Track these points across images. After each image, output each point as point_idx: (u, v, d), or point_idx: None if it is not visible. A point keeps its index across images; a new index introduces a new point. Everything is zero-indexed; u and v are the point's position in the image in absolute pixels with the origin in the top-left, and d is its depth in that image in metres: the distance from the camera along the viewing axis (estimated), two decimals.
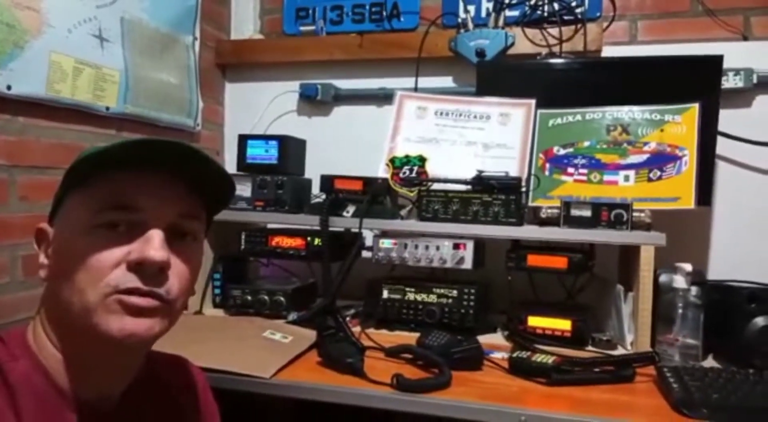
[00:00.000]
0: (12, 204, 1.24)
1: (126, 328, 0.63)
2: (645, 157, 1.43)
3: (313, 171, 1.67)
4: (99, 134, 1.45)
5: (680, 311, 1.21)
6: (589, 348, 1.31)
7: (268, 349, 1.22)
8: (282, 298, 1.47)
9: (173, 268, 0.67)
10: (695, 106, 1.43)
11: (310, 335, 1.27)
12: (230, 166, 1.80)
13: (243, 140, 1.62)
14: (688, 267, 1.22)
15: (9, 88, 1.20)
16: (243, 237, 1.56)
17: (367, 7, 1.93)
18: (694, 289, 1.22)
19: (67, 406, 0.66)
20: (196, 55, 1.82)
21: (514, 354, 1.16)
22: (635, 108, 1.47)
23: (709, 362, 1.25)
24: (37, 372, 0.66)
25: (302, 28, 1.96)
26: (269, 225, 1.66)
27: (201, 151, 0.67)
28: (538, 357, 1.14)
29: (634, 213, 1.32)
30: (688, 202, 1.37)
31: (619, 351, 1.31)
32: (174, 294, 0.67)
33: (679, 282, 1.22)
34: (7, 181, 1.23)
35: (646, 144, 1.44)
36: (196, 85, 1.83)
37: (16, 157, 1.25)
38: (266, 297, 1.48)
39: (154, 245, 0.64)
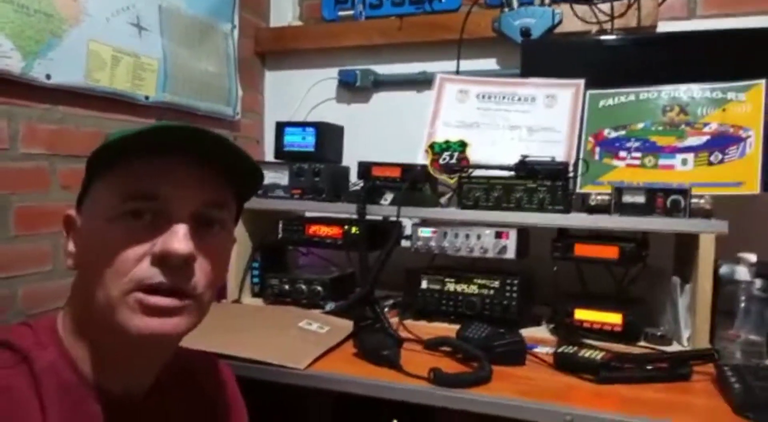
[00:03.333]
0: (53, 192, 1.26)
1: (149, 328, 0.62)
2: (705, 138, 1.34)
3: (352, 158, 1.63)
4: (138, 123, 1.46)
5: (743, 305, 1.13)
6: (642, 343, 1.24)
7: (303, 339, 1.20)
8: (320, 288, 1.46)
9: (200, 260, 0.65)
10: (761, 84, 1.32)
11: (347, 325, 1.24)
12: (270, 154, 1.79)
13: (280, 127, 1.61)
14: (752, 257, 1.15)
15: (48, 77, 1.22)
16: (280, 225, 1.54)
17: None
18: (758, 281, 1.14)
19: (92, 396, 0.66)
20: (235, 43, 1.82)
21: (560, 349, 1.11)
22: (694, 86, 1.38)
23: None
24: (64, 361, 0.65)
25: (341, 13, 1.93)
26: (307, 214, 1.64)
27: (226, 138, 0.65)
28: (586, 353, 1.09)
29: (693, 200, 1.23)
30: (753, 187, 1.27)
31: (675, 347, 1.23)
32: (201, 288, 0.65)
33: (742, 273, 1.15)
34: (48, 170, 1.25)
35: (706, 125, 1.35)
36: (235, 74, 1.82)
37: (57, 146, 1.26)
38: (304, 287, 1.46)
39: (178, 237, 0.62)
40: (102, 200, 0.65)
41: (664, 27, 1.60)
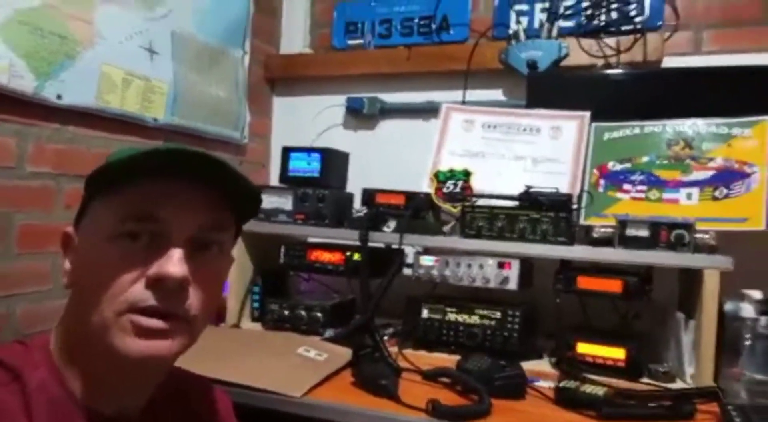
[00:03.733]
0: (57, 212, 1.27)
1: (141, 350, 0.61)
2: (710, 173, 1.33)
3: (357, 185, 1.64)
4: (146, 145, 1.47)
5: (748, 343, 1.12)
6: (645, 380, 1.22)
7: (301, 367, 1.19)
8: (320, 314, 1.45)
9: (195, 283, 0.64)
10: (767, 120, 1.32)
11: (345, 353, 1.23)
12: (275, 179, 1.80)
13: (286, 152, 1.62)
14: (757, 294, 1.14)
15: (60, 97, 1.24)
16: (282, 250, 1.54)
17: (416, 20, 1.91)
18: (763, 319, 1.13)
19: (83, 417, 0.65)
20: (245, 68, 1.84)
21: (562, 384, 1.09)
22: (699, 121, 1.38)
23: None
24: (54, 380, 0.65)
25: (350, 42, 1.96)
26: (309, 239, 1.64)
27: (226, 162, 0.65)
28: (588, 388, 1.07)
29: (697, 234, 1.22)
30: (758, 223, 1.26)
31: (678, 384, 1.21)
32: (195, 310, 0.64)
33: (747, 310, 1.13)
34: (54, 189, 1.26)
35: (711, 160, 1.34)
36: (244, 99, 1.85)
37: (65, 165, 1.28)
38: (304, 313, 1.45)
39: (173, 261, 0.62)
40: (100, 219, 0.65)
41: (669, 62, 1.61)
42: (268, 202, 1.50)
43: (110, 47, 1.35)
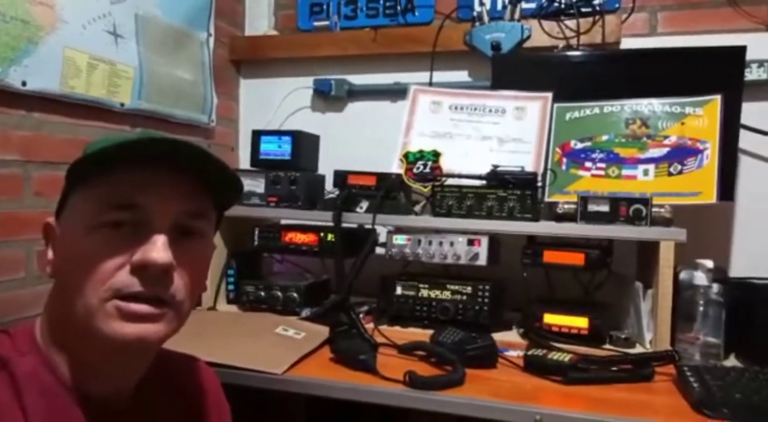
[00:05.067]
0: (27, 199, 1.25)
1: (128, 333, 0.62)
2: (665, 150, 1.40)
3: (327, 167, 1.66)
4: (113, 130, 1.46)
5: (701, 309, 1.19)
6: (607, 346, 1.29)
7: (280, 345, 1.21)
8: (295, 294, 1.47)
9: (179, 269, 0.65)
10: (717, 99, 1.39)
11: (323, 331, 1.26)
12: (244, 162, 1.80)
13: (256, 136, 1.62)
14: (709, 263, 1.20)
15: (24, 84, 1.21)
16: (256, 233, 1.55)
17: (382, 2, 1.91)
18: (715, 286, 1.19)
19: (74, 402, 0.66)
20: (211, 51, 1.82)
21: (530, 352, 1.15)
22: (655, 101, 1.44)
23: (731, 361, 1.22)
24: (44, 368, 0.65)
25: (316, 24, 1.95)
26: (282, 221, 1.65)
27: (204, 149, 0.66)
28: (554, 355, 1.12)
29: (654, 209, 1.29)
30: (710, 197, 1.33)
31: (638, 349, 1.28)
32: (181, 296, 0.66)
33: (700, 279, 1.19)
34: (22, 177, 1.24)
35: (666, 137, 1.41)
36: (210, 81, 1.83)
37: (31, 152, 1.25)
38: (279, 293, 1.47)
39: (157, 247, 0.63)
40: (81, 209, 0.65)
41: (627, 43, 1.66)
42: None
43: (73, 31, 1.32)
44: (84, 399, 0.66)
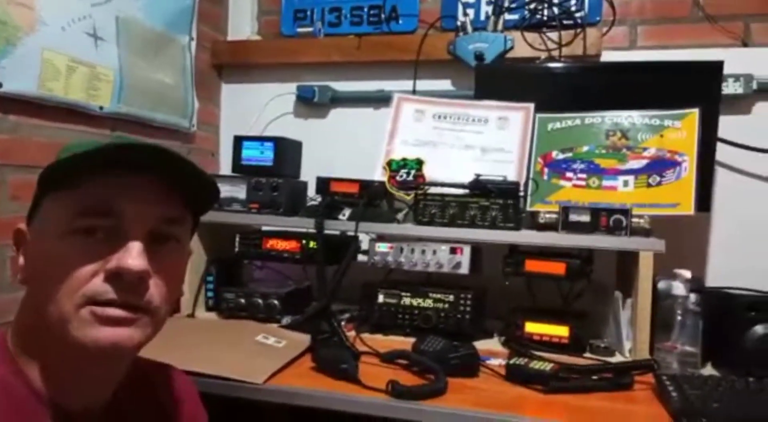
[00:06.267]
0: (2, 203, 1.22)
1: (103, 338, 0.61)
2: (644, 162, 1.42)
3: (310, 173, 1.65)
4: (92, 134, 1.43)
5: (679, 318, 1.20)
6: (587, 355, 1.30)
7: (261, 354, 1.20)
8: (276, 302, 1.45)
9: (155, 275, 0.64)
10: (695, 112, 1.42)
11: (304, 339, 1.25)
12: (226, 167, 1.78)
13: (238, 141, 1.60)
14: (687, 273, 1.21)
15: (0, 85, 1.18)
16: (237, 239, 1.54)
17: (366, 9, 1.92)
18: (693, 296, 1.21)
19: (45, 413, 0.64)
20: (192, 55, 1.81)
21: (511, 361, 1.15)
22: (634, 113, 1.46)
23: (708, 370, 1.24)
24: (16, 377, 0.63)
25: (300, 30, 1.94)
26: (264, 228, 1.64)
27: (179, 154, 0.64)
28: (536, 364, 1.13)
29: (633, 219, 1.30)
30: (688, 208, 1.36)
31: (617, 358, 1.29)
32: (156, 303, 0.65)
33: (678, 289, 1.21)
34: None
35: (645, 149, 1.43)
36: (191, 86, 1.81)
37: (8, 155, 1.23)
38: (260, 301, 1.46)
39: (132, 254, 0.61)
40: (54, 216, 0.64)
41: (607, 56, 1.69)
42: (222, 191, 1.48)
43: (53, 33, 1.30)
44: (56, 410, 0.64)
